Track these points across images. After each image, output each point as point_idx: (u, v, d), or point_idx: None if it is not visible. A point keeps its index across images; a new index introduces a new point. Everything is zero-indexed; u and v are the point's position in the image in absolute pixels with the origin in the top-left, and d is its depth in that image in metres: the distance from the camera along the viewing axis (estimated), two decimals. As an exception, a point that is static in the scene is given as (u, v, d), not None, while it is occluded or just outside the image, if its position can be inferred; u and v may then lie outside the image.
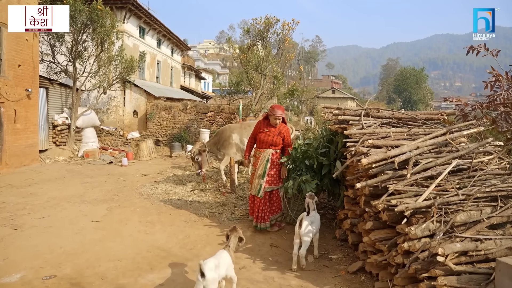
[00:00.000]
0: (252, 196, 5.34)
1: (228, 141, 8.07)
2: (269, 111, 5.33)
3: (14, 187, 8.16)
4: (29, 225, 5.51)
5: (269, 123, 5.34)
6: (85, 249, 4.54)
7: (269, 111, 5.35)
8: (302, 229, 4.10)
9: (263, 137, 5.30)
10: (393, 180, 3.49)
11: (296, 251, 4.13)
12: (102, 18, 12.97)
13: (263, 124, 5.37)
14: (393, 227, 3.56)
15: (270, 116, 5.28)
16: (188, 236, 5.04)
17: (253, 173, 5.35)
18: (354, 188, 4.76)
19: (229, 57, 76.19)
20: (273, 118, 5.24)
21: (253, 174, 5.37)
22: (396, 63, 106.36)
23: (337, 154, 5.04)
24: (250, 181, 5.55)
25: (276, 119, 5.23)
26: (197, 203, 6.82)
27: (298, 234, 4.12)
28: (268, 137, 5.28)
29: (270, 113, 5.29)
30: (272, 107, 5.34)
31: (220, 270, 3.17)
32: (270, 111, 5.31)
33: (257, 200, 5.25)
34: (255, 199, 5.28)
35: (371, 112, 4.49)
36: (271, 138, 5.29)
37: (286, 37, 14.52)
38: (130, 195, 7.52)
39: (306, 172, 5.20)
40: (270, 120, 5.32)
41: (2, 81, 9.97)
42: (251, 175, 5.53)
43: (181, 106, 16.75)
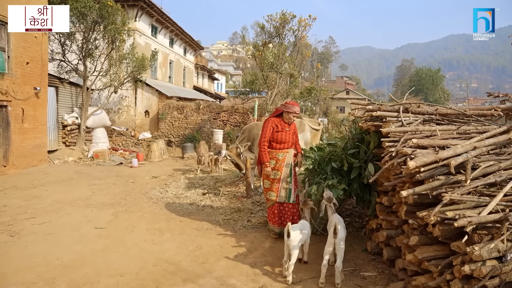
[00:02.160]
0: (279, 204, 4.76)
1: (257, 140, 7.29)
2: (284, 108, 4.78)
3: (19, 189, 7.77)
4: (28, 231, 5.05)
5: (283, 121, 4.81)
6: (85, 261, 4.03)
7: (283, 108, 4.79)
8: (339, 236, 3.55)
9: (284, 137, 4.74)
10: (446, 187, 2.88)
11: (327, 262, 3.58)
12: (113, 14, 12.61)
13: (278, 122, 4.79)
14: (444, 244, 2.96)
15: (287, 114, 4.75)
16: (200, 247, 4.50)
17: (273, 178, 4.72)
18: (389, 194, 4.19)
19: (242, 59, 75.84)
20: (290, 115, 4.75)
21: (273, 180, 4.73)
22: (411, 64, 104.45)
23: (368, 156, 4.45)
24: (269, 189, 4.77)
25: (293, 116, 4.78)
26: (210, 209, 6.29)
27: (332, 242, 3.57)
28: (288, 136, 4.77)
29: (285, 109, 4.75)
30: (288, 103, 4.82)
31: (302, 235, 3.70)
32: (285, 108, 4.76)
33: (287, 207, 4.73)
34: (284, 206, 4.75)
35: (411, 107, 3.88)
36: (290, 136, 4.79)
37: (302, 34, 13.92)
38: (139, 198, 7.04)
39: (332, 175, 4.61)
40: (285, 117, 4.79)
41: (10, 79, 9.62)
42: (270, 181, 4.78)
43: (194, 106, 16.29)
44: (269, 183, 4.76)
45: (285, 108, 4.76)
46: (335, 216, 3.83)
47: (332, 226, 3.66)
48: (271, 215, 4.85)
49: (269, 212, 4.89)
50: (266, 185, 4.83)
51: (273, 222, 4.82)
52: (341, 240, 3.59)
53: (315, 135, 7.69)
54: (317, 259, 4.12)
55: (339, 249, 3.57)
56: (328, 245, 3.63)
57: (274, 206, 4.78)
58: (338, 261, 3.54)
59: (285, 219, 4.73)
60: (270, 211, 4.87)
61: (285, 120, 4.77)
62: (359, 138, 4.62)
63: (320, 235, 4.85)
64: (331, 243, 3.60)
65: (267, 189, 4.81)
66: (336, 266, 3.55)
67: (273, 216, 4.81)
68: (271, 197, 4.76)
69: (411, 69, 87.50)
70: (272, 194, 4.75)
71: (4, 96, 9.40)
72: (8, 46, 9.65)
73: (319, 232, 4.86)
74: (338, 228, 3.58)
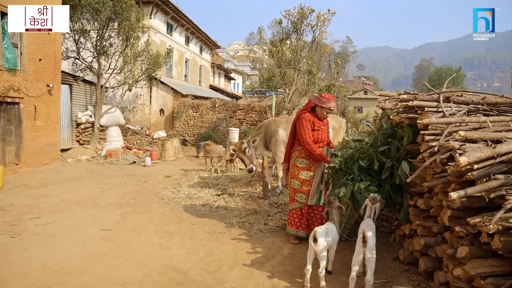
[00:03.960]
0: (309, 206, 4.34)
1: (275, 137, 6.73)
2: (319, 102, 4.27)
3: (28, 187, 7.53)
4: (30, 232, 4.73)
5: (317, 117, 4.34)
6: (85, 267, 3.66)
7: (317, 101, 4.29)
8: (369, 245, 3.07)
9: (321, 136, 4.31)
10: (506, 189, 2.38)
11: (355, 274, 3.11)
12: (127, 11, 12.36)
13: (313, 119, 4.30)
14: (503, 257, 2.46)
15: (320, 108, 4.28)
16: (212, 253, 4.07)
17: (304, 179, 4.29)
18: (424, 197, 3.68)
19: (259, 59, 75.48)
20: (325, 110, 4.27)
21: (304, 181, 4.29)
22: (430, 63, 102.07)
23: (401, 153, 3.94)
24: (298, 190, 4.32)
25: (329, 112, 4.31)
26: (224, 210, 5.86)
27: (361, 251, 3.09)
28: (324, 134, 4.36)
29: (320, 103, 4.26)
30: (323, 96, 4.28)
31: (329, 240, 3.26)
32: (320, 102, 4.26)
33: (317, 209, 4.34)
34: (314, 209, 4.34)
35: (453, 96, 3.37)
36: (326, 135, 4.38)
37: (321, 29, 13.38)
38: (149, 198, 6.68)
39: (360, 175, 4.12)
40: (318, 112, 4.32)
41: (22, 76, 9.44)
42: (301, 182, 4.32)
43: (209, 104, 15.94)
44: (299, 183, 4.31)
45: (319, 101, 4.26)
46: (367, 221, 3.35)
47: (361, 232, 3.18)
48: (293, 219, 4.38)
49: (291, 215, 4.42)
50: (295, 186, 4.35)
51: (297, 226, 4.35)
52: (371, 249, 3.11)
53: (337, 132, 7.19)
54: (342, 269, 3.65)
55: (369, 260, 3.09)
56: (356, 254, 3.15)
57: (301, 208, 4.33)
58: (368, 274, 3.08)
59: (313, 222, 4.30)
60: (293, 214, 4.40)
61: (319, 115, 4.32)
62: (390, 134, 4.11)
63: (344, 240, 4.37)
64: (360, 252, 3.12)
65: (295, 190, 4.34)
66: (366, 280, 3.08)
67: (297, 219, 4.35)
68: (301, 200, 4.31)
69: (430, 69, 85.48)
70: (302, 196, 4.30)
71: (16, 93, 9.21)
72: (21, 42, 9.46)
73: (343, 237, 4.38)
74: (368, 236, 3.11)
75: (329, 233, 3.33)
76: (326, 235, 3.27)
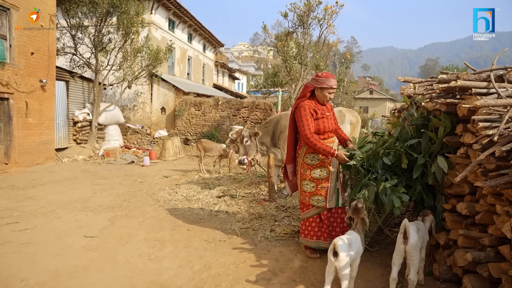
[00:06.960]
0: (327, 210, 3.61)
1: (285, 133, 6.08)
2: (316, 83, 3.49)
3: (15, 189, 6.95)
4: (3, 240, 4.14)
5: (319, 103, 3.59)
6: (55, 285, 3.04)
7: (315, 83, 3.51)
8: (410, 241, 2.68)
9: (327, 124, 3.54)
10: None
11: (396, 275, 2.74)
12: (125, 3, 11.79)
13: (315, 106, 3.54)
14: None
15: (320, 91, 3.51)
16: (209, 266, 3.44)
17: (319, 178, 3.54)
18: (466, 199, 3.03)
19: (263, 59, 74.81)
20: (326, 91, 3.50)
21: (318, 180, 3.54)
22: (436, 63, 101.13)
23: (435, 147, 3.29)
24: (314, 192, 3.55)
25: (331, 91, 3.53)
26: (224, 214, 5.23)
27: (402, 249, 2.71)
28: (330, 122, 3.59)
29: (318, 85, 3.49)
30: (319, 76, 3.52)
31: (352, 253, 2.68)
32: (317, 83, 3.48)
33: (336, 212, 3.65)
34: (333, 212, 3.64)
35: (508, 73, 2.72)
36: (333, 122, 3.63)
37: (329, 23, 12.73)
38: (144, 201, 6.07)
39: (384, 174, 3.47)
40: (319, 97, 3.56)
41: (11, 70, 8.88)
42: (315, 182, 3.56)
43: (212, 102, 15.33)
44: (314, 185, 3.54)
45: (317, 83, 3.49)
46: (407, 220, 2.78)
47: (402, 229, 2.71)
48: (312, 228, 3.62)
49: (308, 224, 3.65)
50: (308, 188, 3.59)
51: (317, 236, 3.58)
52: (414, 247, 2.71)
53: (354, 127, 6.54)
54: (366, 288, 3.02)
55: (412, 258, 2.73)
56: (396, 252, 2.76)
57: (319, 214, 3.59)
58: (411, 273, 2.76)
59: (334, 228, 3.61)
60: (310, 223, 3.64)
61: (320, 100, 3.56)
62: (420, 124, 3.45)
63: (365, 251, 3.73)
64: (401, 250, 2.72)
65: (310, 193, 3.57)
66: (409, 279, 2.80)
67: (317, 228, 3.58)
68: (319, 204, 3.55)
69: (436, 69, 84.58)
70: (320, 199, 3.53)
71: (5, 88, 8.66)
72: (10, 34, 8.90)
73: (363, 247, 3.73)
74: (410, 233, 2.67)
75: (353, 245, 2.71)
76: (349, 247, 2.65)
